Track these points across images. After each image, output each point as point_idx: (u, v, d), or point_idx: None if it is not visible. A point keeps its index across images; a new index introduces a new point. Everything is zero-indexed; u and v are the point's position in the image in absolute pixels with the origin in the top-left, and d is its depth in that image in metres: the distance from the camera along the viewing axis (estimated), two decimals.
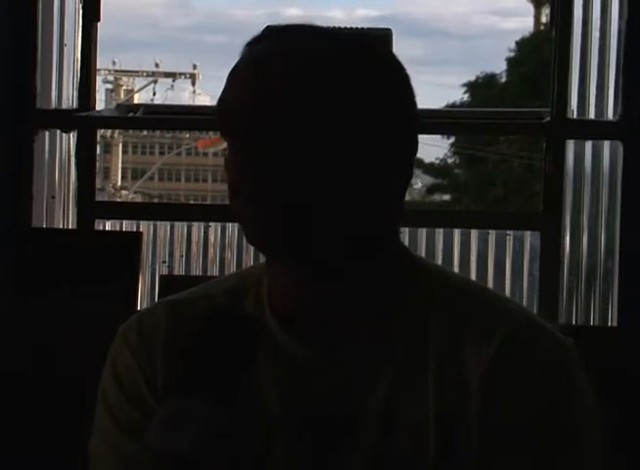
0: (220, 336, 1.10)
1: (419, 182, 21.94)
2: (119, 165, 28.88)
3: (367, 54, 1.18)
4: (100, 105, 3.33)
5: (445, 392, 1.15)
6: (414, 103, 1.20)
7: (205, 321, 1.11)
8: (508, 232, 3.20)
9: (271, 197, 1.12)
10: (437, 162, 21.03)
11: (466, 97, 20.68)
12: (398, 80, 1.20)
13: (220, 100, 1.17)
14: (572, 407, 1.16)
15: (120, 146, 29.49)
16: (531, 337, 1.17)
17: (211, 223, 3.28)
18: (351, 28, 1.26)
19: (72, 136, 3.14)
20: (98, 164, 3.42)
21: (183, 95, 32.14)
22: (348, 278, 1.18)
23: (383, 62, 1.19)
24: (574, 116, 2.99)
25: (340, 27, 1.22)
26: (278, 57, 1.14)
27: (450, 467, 1.14)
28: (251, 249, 3.17)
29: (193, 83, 30.30)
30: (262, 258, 1.24)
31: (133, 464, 1.19)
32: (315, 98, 1.13)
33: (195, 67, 30.77)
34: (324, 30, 1.19)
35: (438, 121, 3.12)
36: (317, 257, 1.16)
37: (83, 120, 3.10)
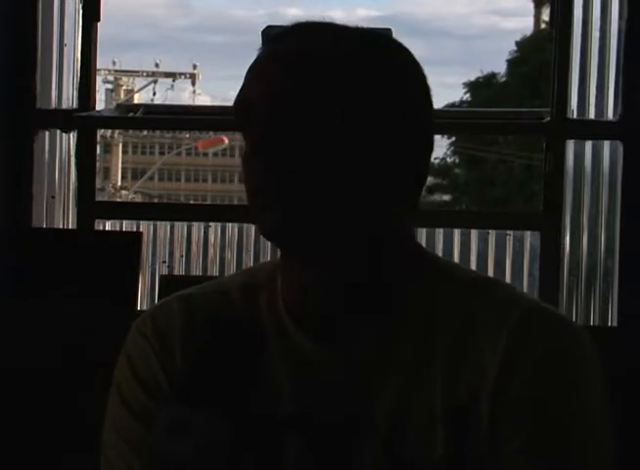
0: (225, 347, 1.09)
1: None
2: (119, 165, 28.90)
3: (387, 55, 1.19)
4: (100, 105, 3.33)
5: (456, 388, 1.16)
6: (431, 104, 1.22)
7: (210, 332, 1.11)
8: (508, 232, 3.20)
9: (289, 194, 1.12)
10: (438, 161, 21.06)
11: (466, 97, 20.71)
12: (418, 82, 1.21)
13: (240, 96, 1.17)
14: (584, 392, 1.16)
15: (120, 146, 29.51)
16: (542, 323, 1.17)
17: (211, 223, 3.28)
18: (376, 30, 1.25)
19: (72, 136, 3.14)
20: (98, 164, 3.42)
21: (183, 95, 32.18)
22: (359, 277, 1.18)
23: (402, 63, 1.20)
24: (574, 116, 2.98)
25: (358, 27, 1.22)
26: (299, 55, 1.15)
27: (459, 464, 1.14)
28: (252, 249, 3.18)
29: (193, 83, 30.34)
30: (263, 258, 1.24)
31: (142, 450, 1.19)
32: (334, 98, 1.13)
33: (195, 67, 30.81)
34: (345, 30, 1.19)
35: (438, 121, 3.11)
36: (330, 255, 1.17)
37: (83, 120, 3.10)
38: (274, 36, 1.19)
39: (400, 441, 1.16)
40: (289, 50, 1.16)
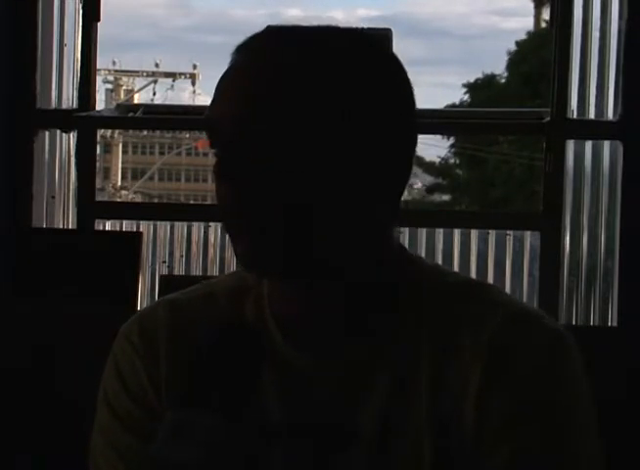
0: (227, 352, 1.09)
1: (419, 182, 21.96)
2: (119, 165, 28.91)
3: (358, 56, 1.14)
4: (100, 105, 3.33)
5: (441, 394, 1.15)
6: (413, 102, 1.17)
7: (211, 337, 1.11)
8: (508, 232, 3.20)
9: (256, 222, 1.10)
10: (438, 161, 21.06)
11: (466, 97, 20.71)
12: (396, 80, 1.17)
13: (208, 113, 1.13)
14: (567, 394, 1.16)
15: (120, 146, 29.52)
16: (525, 325, 1.17)
17: (211, 223, 3.28)
18: (349, 27, 1.20)
19: (72, 136, 3.14)
20: (98, 164, 3.42)
21: (183, 95, 32.18)
22: (344, 283, 1.18)
23: (377, 62, 1.16)
24: (574, 116, 2.98)
25: (332, 26, 1.17)
26: (260, 67, 1.11)
27: (446, 467, 1.14)
28: None
29: (193, 83, 30.35)
30: None
31: (131, 457, 1.19)
32: (297, 109, 1.09)
33: (195, 67, 30.82)
34: (312, 32, 1.14)
35: (438, 121, 3.12)
36: (312, 271, 1.15)
37: (83, 120, 3.10)
38: (242, 46, 1.13)
39: (388, 447, 1.15)
40: (252, 67, 1.11)
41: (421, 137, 1.21)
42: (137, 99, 27.25)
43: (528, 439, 1.12)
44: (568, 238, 2.99)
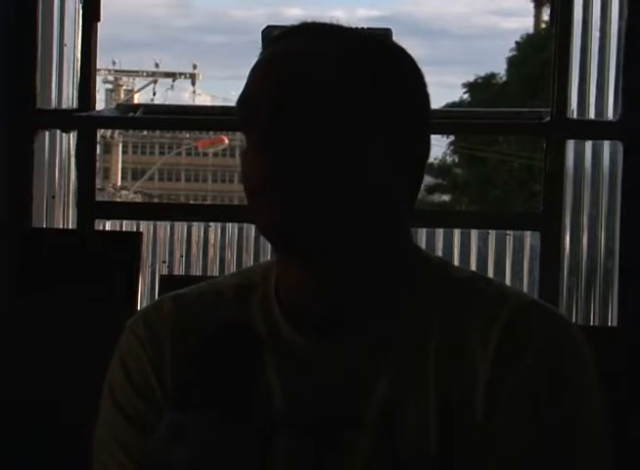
0: (224, 351, 1.09)
1: None
2: (119, 165, 28.92)
3: (389, 55, 1.21)
4: (100, 105, 3.33)
5: (448, 385, 1.16)
6: (429, 105, 1.24)
7: (208, 336, 1.11)
8: (508, 232, 3.20)
9: (292, 186, 1.13)
10: (437, 161, 21.06)
11: (466, 97, 20.72)
12: (418, 82, 1.23)
13: (244, 94, 1.18)
14: (577, 384, 1.17)
15: (120, 146, 29.53)
16: (534, 318, 1.18)
17: (211, 223, 3.28)
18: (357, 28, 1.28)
19: (72, 136, 3.14)
20: (98, 165, 3.42)
21: (183, 95, 32.20)
22: (354, 275, 1.19)
23: (404, 64, 1.22)
24: (574, 116, 2.98)
25: (359, 28, 1.24)
26: (303, 55, 1.16)
27: (451, 462, 1.15)
28: (251, 249, 3.18)
29: (193, 83, 30.32)
30: (263, 258, 1.24)
31: (135, 452, 1.19)
32: (337, 97, 1.14)
33: (195, 67, 30.80)
34: (347, 30, 1.21)
35: (438, 121, 3.11)
36: (331, 255, 1.17)
37: (83, 120, 3.10)
38: (278, 36, 1.20)
39: (393, 439, 1.16)
40: (293, 50, 1.17)
41: None
42: (137, 99, 27.23)
43: (536, 432, 1.13)
44: (568, 238, 2.99)
